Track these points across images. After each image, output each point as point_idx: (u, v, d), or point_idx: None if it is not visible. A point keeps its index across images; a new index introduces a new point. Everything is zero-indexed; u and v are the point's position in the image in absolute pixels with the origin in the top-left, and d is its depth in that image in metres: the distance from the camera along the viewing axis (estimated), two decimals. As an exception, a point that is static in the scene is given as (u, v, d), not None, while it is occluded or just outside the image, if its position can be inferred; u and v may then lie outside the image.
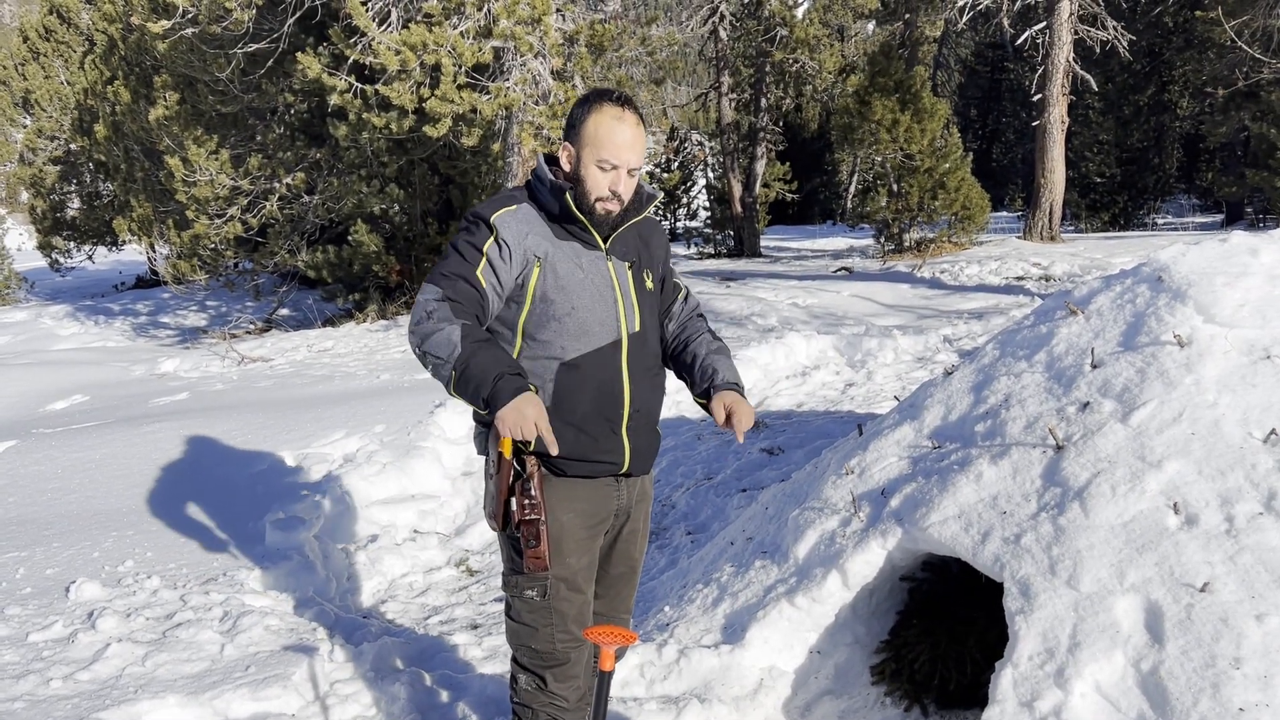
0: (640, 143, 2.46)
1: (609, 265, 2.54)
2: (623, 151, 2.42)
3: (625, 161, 2.43)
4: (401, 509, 5.59)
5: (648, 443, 2.63)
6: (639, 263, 2.61)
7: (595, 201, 2.46)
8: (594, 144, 2.43)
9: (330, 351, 12.34)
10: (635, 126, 2.44)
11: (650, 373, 2.62)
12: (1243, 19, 14.81)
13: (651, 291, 2.65)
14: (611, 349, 2.50)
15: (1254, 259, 3.33)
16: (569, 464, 2.50)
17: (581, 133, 2.45)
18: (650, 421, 2.63)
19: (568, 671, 2.58)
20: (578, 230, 2.51)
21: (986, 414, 3.39)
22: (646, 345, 2.60)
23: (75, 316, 17.79)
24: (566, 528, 2.51)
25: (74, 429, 7.75)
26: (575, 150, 2.46)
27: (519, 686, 2.62)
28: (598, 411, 2.50)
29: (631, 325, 2.55)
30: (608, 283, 2.52)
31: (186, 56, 12.40)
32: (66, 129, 22.29)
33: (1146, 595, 2.54)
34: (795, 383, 7.74)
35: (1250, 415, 2.83)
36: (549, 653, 2.55)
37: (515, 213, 2.48)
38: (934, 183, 16.87)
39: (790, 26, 20.06)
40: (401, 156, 12.89)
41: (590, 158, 2.43)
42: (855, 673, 3.30)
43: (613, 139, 2.42)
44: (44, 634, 3.99)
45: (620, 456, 2.55)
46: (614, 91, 2.48)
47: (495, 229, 2.44)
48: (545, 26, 10.80)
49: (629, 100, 2.47)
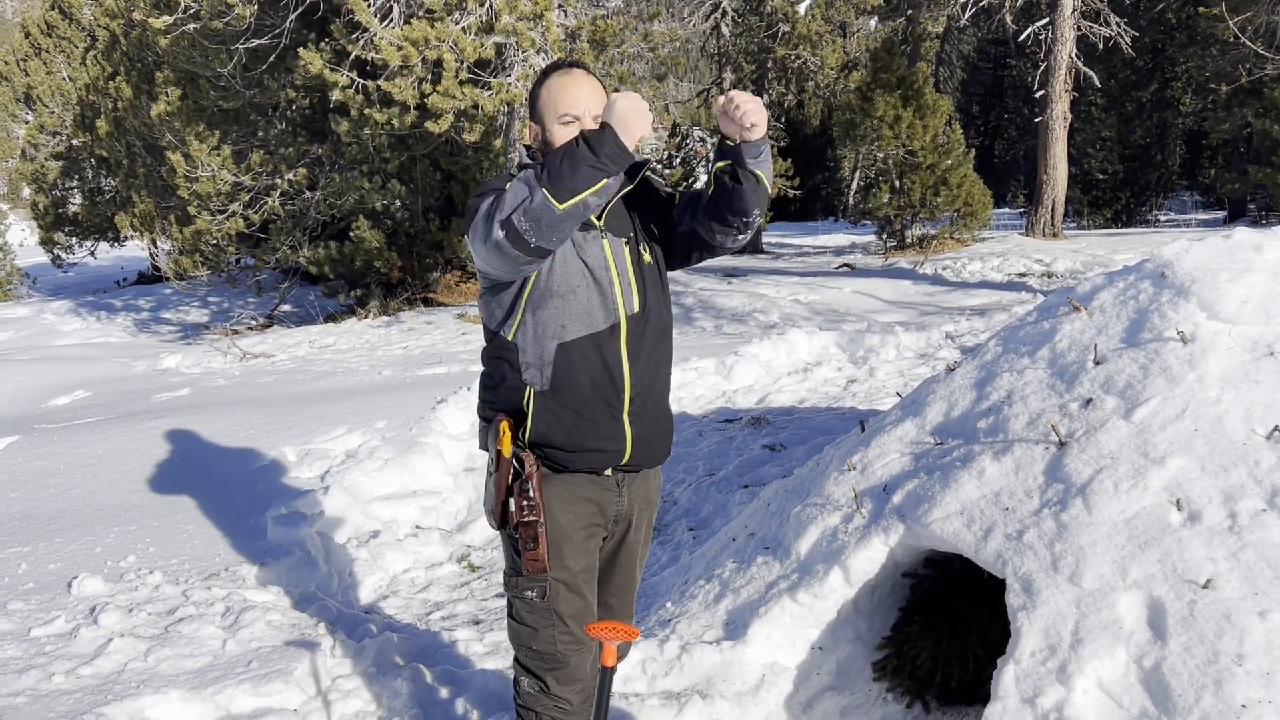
0: (598, 93, 2.41)
1: (605, 243, 2.46)
2: (580, 101, 2.38)
3: (586, 110, 2.37)
4: (403, 505, 5.60)
5: (654, 429, 2.54)
6: (635, 237, 2.53)
7: None
8: (551, 106, 2.40)
9: (332, 347, 12.34)
10: (586, 78, 2.42)
11: (654, 353, 2.53)
12: (1246, 15, 14.79)
13: (651, 265, 2.55)
14: (609, 333, 2.43)
15: (1257, 255, 3.32)
16: (568, 456, 2.43)
17: (538, 103, 2.44)
18: (656, 405, 2.55)
19: (570, 674, 2.53)
20: None
21: (989, 410, 3.39)
22: (649, 324, 2.51)
23: (77, 312, 17.80)
24: (565, 530, 2.46)
25: (76, 424, 7.75)
26: (537, 121, 2.44)
27: (522, 689, 2.59)
28: (597, 395, 2.43)
29: (630, 306, 2.46)
30: (604, 264, 2.44)
31: (188, 52, 12.39)
32: (68, 125, 22.30)
33: (1149, 592, 2.54)
34: (797, 379, 7.73)
35: (1253, 412, 2.82)
36: (550, 654, 2.50)
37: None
38: (936, 179, 16.85)
39: (792, 23, 20.01)
40: (403, 152, 12.89)
41: (552, 119, 2.40)
42: (857, 669, 3.30)
43: (566, 94, 2.39)
44: (46, 629, 3.99)
45: (622, 444, 2.47)
46: (559, 60, 2.47)
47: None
48: (547, 22, 10.80)
49: (575, 63, 2.47)
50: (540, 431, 2.43)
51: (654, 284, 2.54)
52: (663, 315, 2.57)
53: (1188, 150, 26.10)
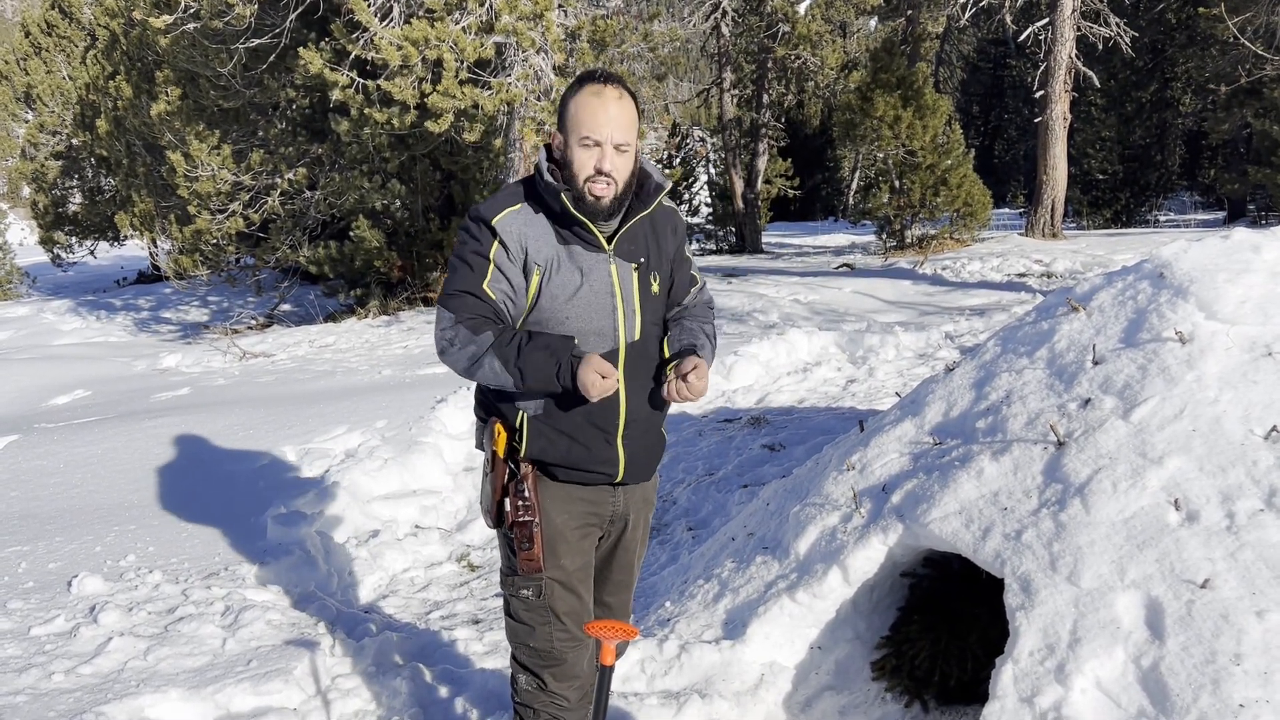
0: (626, 117, 2.33)
1: (612, 268, 2.41)
2: (603, 126, 2.30)
3: (608, 136, 2.31)
4: (403, 504, 5.60)
5: (645, 449, 2.55)
6: (646, 264, 2.48)
7: (585, 183, 2.33)
8: (575, 124, 2.33)
9: (332, 347, 12.34)
10: (617, 100, 2.32)
11: (651, 381, 2.52)
12: (1245, 15, 14.79)
13: (657, 296, 2.52)
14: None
15: (1256, 256, 3.33)
16: (563, 471, 2.46)
17: (565, 117, 2.37)
18: (649, 429, 2.55)
19: (567, 671, 2.54)
20: (580, 232, 2.39)
21: (988, 410, 3.39)
22: (647, 352, 2.50)
23: (77, 311, 17.79)
24: (560, 529, 2.47)
25: (76, 424, 7.76)
26: (563, 136, 2.38)
27: (519, 686, 2.60)
28: (590, 421, 2.43)
29: (631, 333, 2.44)
30: (608, 289, 2.40)
31: (188, 51, 12.40)
32: (68, 124, 22.29)
33: (1147, 591, 2.54)
34: (797, 379, 7.74)
35: (1251, 412, 2.83)
36: (547, 651, 2.52)
37: (519, 214, 2.39)
38: (936, 179, 16.85)
39: (792, 23, 20.01)
40: (403, 152, 12.89)
41: (574, 139, 2.34)
42: (856, 668, 3.31)
43: (592, 114, 2.31)
44: (46, 628, 4.00)
45: (615, 467, 2.49)
46: (597, 71, 2.38)
47: (498, 232, 2.36)
48: (547, 22, 10.79)
49: (612, 77, 2.36)
50: (534, 453, 2.45)
51: (654, 314, 2.53)
52: (657, 342, 2.57)
53: (1187, 150, 26.10)
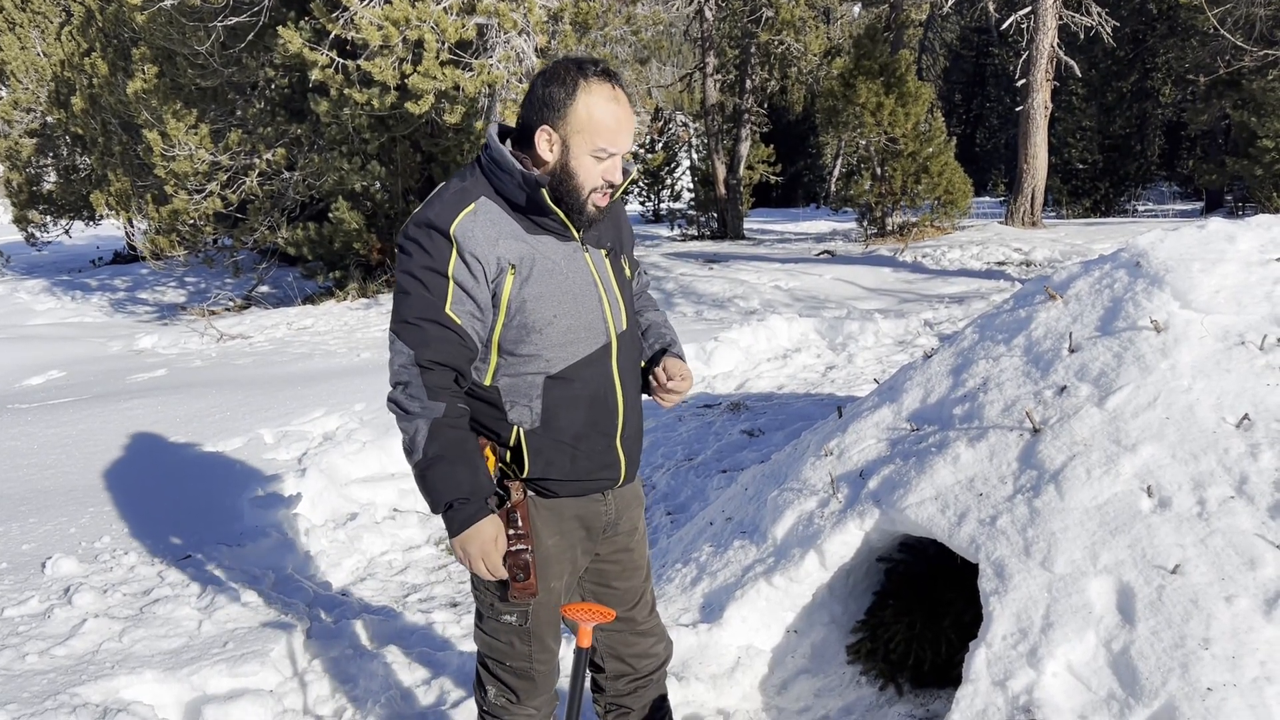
0: (633, 122, 2.16)
1: (586, 257, 2.23)
2: (620, 138, 2.10)
3: (622, 147, 2.12)
4: (381, 487, 5.58)
5: (638, 445, 2.43)
6: (615, 249, 2.33)
7: (590, 194, 2.14)
8: (588, 131, 2.08)
9: (310, 329, 12.26)
10: (628, 106, 2.14)
11: (636, 373, 2.39)
12: (1225, 7, 14.88)
13: (629, 280, 2.39)
14: (602, 354, 2.23)
15: (1231, 245, 3.36)
16: (562, 485, 2.27)
17: (569, 117, 2.08)
18: (640, 425, 2.42)
19: (541, 688, 2.42)
20: (550, 222, 2.17)
21: (965, 397, 3.41)
22: (634, 342, 2.36)
23: (52, 291, 17.59)
24: (551, 551, 2.29)
25: (50, 405, 7.68)
26: (561, 137, 2.11)
27: (489, 697, 2.44)
28: (593, 427, 2.25)
29: (619, 323, 2.28)
30: (589, 279, 2.22)
31: (165, 29, 12.22)
32: (43, 101, 21.95)
33: (1119, 577, 2.57)
34: (776, 365, 7.76)
35: (1224, 400, 2.86)
36: (524, 671, 2.37)
37: (476, 215, 2.12)
38: (917, 167, 16.89)
39: (776, 8, 19.95)
40: (383, 133, 12.78)
41: (583, 147, 2.10)
42: (831, 652, 3.33)
43: (614, 126, 2.09)
44: (20, 609, 3.97)
45: (617, 470, 2.34)
46: (598, 64, 2.13)
47: (457, 242, 2.09)
48: (529, 3, 10.73)
49: (616, 75, 2.15)
50: (537, 473, 2.24)
51: (630, 300, 2.38)
52: (639, 330, 2.46)
53: (1166, 141, 26.31)
